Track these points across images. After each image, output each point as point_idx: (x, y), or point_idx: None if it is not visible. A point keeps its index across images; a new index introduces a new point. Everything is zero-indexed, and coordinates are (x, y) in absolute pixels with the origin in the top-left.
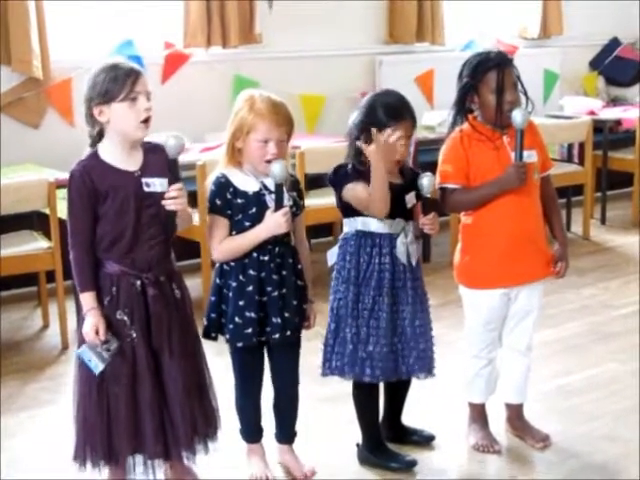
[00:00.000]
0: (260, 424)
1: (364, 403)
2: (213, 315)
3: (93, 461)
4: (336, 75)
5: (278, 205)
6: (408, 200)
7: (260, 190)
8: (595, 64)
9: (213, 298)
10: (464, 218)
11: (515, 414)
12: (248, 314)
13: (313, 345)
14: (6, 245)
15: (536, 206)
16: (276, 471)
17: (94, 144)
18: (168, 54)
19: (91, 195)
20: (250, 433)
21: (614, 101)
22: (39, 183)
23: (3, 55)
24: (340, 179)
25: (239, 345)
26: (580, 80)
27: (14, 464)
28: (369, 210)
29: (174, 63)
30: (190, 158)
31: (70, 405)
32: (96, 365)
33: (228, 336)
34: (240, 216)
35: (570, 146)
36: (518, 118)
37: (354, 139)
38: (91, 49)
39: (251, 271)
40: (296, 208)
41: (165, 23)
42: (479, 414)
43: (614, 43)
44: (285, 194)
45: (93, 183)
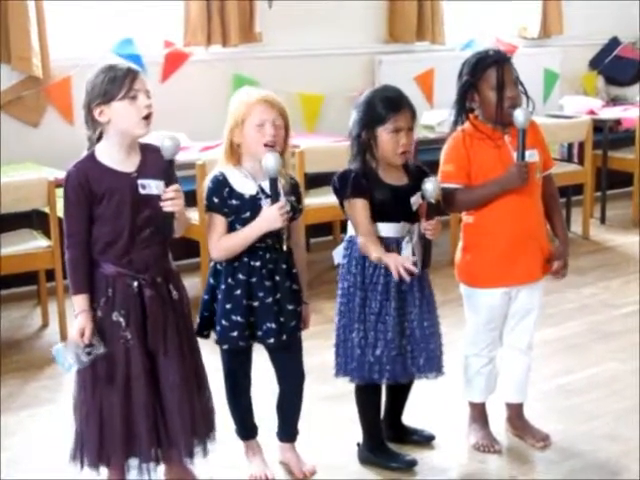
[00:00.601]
0: (253, 421)
1: (366, 403)
2: (206, 314)
3: (89, 462)
4: (336, 74)
5: (274, 199)
6: (414, 202)
7: (257, 194)
8: (595, 63)
9: (206, 297)
10: (466, 217)
11: (515, 414)
12: (234, 317)
13: (313, 344)
14: (6, 244)
15: (538, 205)
16: (276, 470)
17: (89, 147)
18: (168, 53)
19: (87, 197)
20: (244, 430)
21: (614, 100)
22: (39, 182)
23: (3, 53)
24: (343, 188)
25: (224, 347)
26: (580, 80)
27: (14, 463)
28: (357, 234)
29: (174, 62)
30: (190, 157)
31: (70, 404)
32: (70, 365)
33: (216, 337)
34: (232, 217)
35: (570, 146)
36: (520, 117)
37: (355, 137)
38: (91, 47)
39: (240, 275)
40: (294, 212)
41: (165, 22)
42: (479, 413)
43: (614, 42)
44: (281, 189)
45: (89, 184)
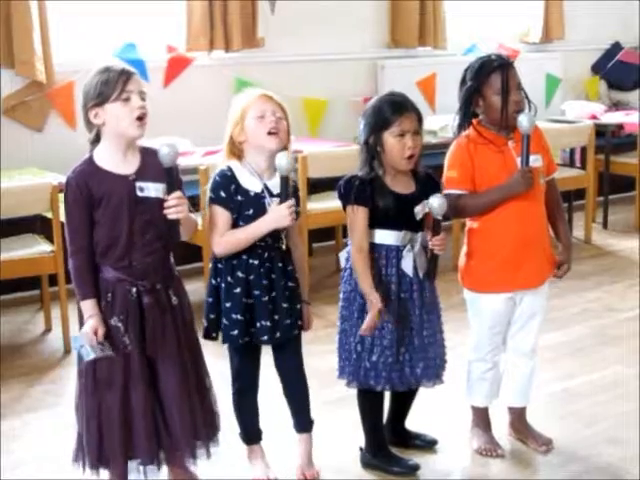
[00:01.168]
0: (258, 425)
1: (368, 408)
2: (212, 316)
3: (89, 464)
4: (338, 79)
5: (283, 197)
6: (417, 212)
7: (262, 192)
8: (597, 68)
9: (210, 299)
10: (470, 222)
11: (518, 418)
12: (234, 316)
13: (315, 349)
14: (9, 248)
15: (541, 210)
16: (278, 472)
17: (92, 150)
18: (170, 58)
19: (87, 201)
20: (249, 434)
21: (616, 105)
22: (42, 187)
23: (6, 58)
24: (346, 195)
25: (226, 345)
26: (582, 84)
27: (19, 466)
28: (351, 242)
29: (176, 67)
30: (192, 162)
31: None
32: (88, 353)
33: (218, 335)
34: (235, 215)
35: (572, 150)
36: (525, 123)
37: (364, 143)
38: (94, 53)
39: (239, 273)
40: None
41: (168, 27)
42: (482, 418)
43: (616, 47)
44: (290, 188)
45: (89, 189)
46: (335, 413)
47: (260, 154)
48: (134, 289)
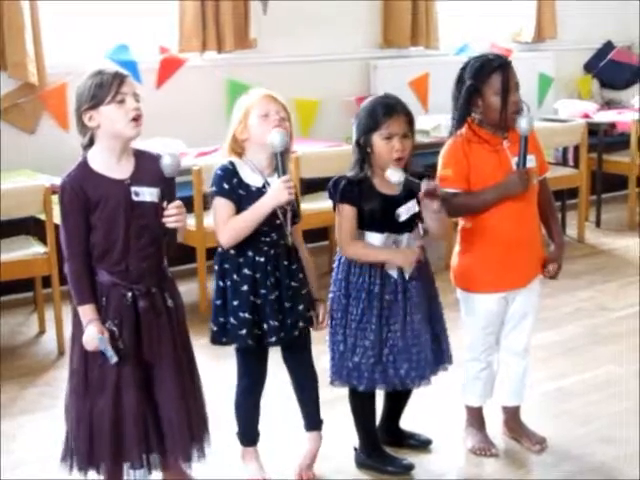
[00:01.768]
0: (257, 427)
1: (360, 408)
2: (222, 319)
3: (78, 466)
4: (330, 79)
5: (280, 173)
6: (400, 213)
7: (263, 187)
8: (589, 67)
9: (218, 302)
10: (463, 222)
11: (512, 417)
12: (242, 315)
13: (313, 349)
14: (2, 250)
15: (534, 210)
16: (272, 473)
17: (85, 153)
18: (163, 59)
19: (83, 205)
20: (247, 435)
21: (608, 104)
22: (35, 189)
23: None
24: (335, 194)
25: (234, 346)
26: (574, 83)
27: (14, 468)
28: (338, 242)
29: (169, 68)
30: (185, 163)
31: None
32: (112, 355)
33: (225, 338)
34: (239, 209)
35: (565, 149)
36: (524, 125)
37: (355, 144)
38: (86, 54)
39: (246, 270)
40: (294, 216)
41: (160, 28)
42: (476, 417)
43: (608, 46)
44: (287, 164)
45: (85, 193)
46: (330, 413)
47: (262, 152)
48: (129, 293)
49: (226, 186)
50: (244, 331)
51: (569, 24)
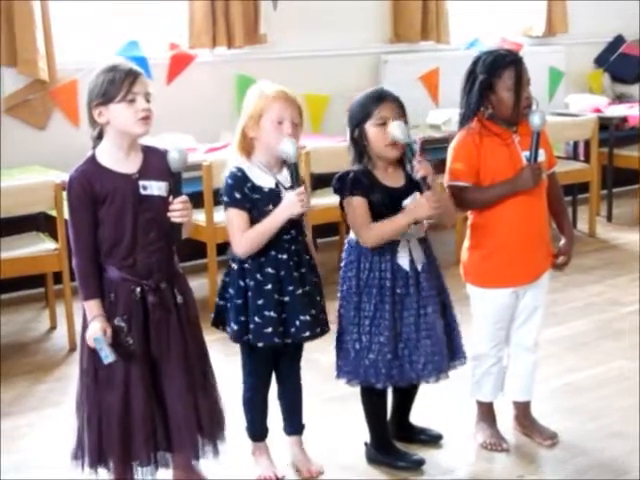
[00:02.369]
0: (266, 422)
1: (372, 404)
2: (242, 318)
3: (89, 463)
4: (341, 74)
5: (293, 185)
6: (406, 205)
7: (276, 186)
8: (600, 61)
9: (239, 301)
10: (472, 217)
11: (522, 412)
12: (267, 313)
13: (318, 345)
14: (13, 247)
15: (544, 204)
16: (282, 470)
17: (95, 146)
18: (173, 55)
19: (91, 199)
20: (256, 430)
21: (619, 98)
22: (45, 185)
23: (9, 57)
24: (342, 188)
25: (260, 345)
26: (585, 78)
27: (23, 465)
28: (355, 234)
29: (179, 64)
30: (196, 158)
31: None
32: (106, 356)
33: (250, 336)
34: (256, 212)
35: (576, 144)
36: (536, 120)
37: (351, 140)
38: (96, 50)
39: (269, 269)
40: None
41: (170, 24)
42: (487, 412)
43: (619, 40)
44: (300, 175)
45: (92, 188)
46: (340, 409)
47: (270, 153)
48: (138, 289)
49: (238, 195)
50: (270, 329)
51: (580, 18)
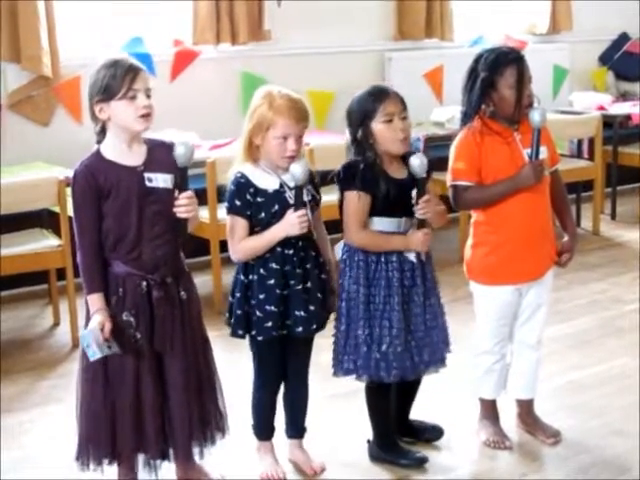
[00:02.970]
0: (273, 421)
1: (377, 401)
2: (239, 312)
3: (96, 460)
4: (345, 71)
5: (297, 206)
6: (414, 196)
7: (280, 188)
8: (604, 59)
9: (239, 294)
10: (476, 214)
11: (526, 410)
12: (268, 307)
13: (320, 342)
14: (17, 243)
15: (547, 201)
16: (286, 468)
17: (100, 141)
18: (177, 51)
19: (95, 194)
20: (263, 429)
21: (624, 96)
22: (49, 181)
23: (13, 53)
24: (348, 179)
25: (259, 339)
26: (589, 75)
27: (26, 461)
28: (345, 228)
29: (183, 60)
30: (199, 155)
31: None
32: (94, 353)
33: (254, 331)
34: (263, 215)
35: (580, 142)
36: (537, 117)
37: (352, 140)
38: (100, 47)
39: (273, 264)
40: (314, 202)
41: (174, 20)
42: (490, 410)
43: (623, 38)
44: (305, 198)
45: (97, 182)
46: (341, 406)
47: (273, 162)
48: (144, 283)
49: (238, 203)
50: (270, 323)
51: (584, 16)
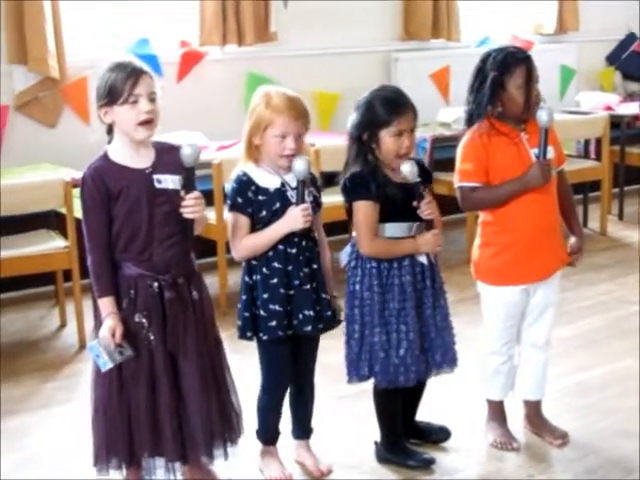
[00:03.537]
0: (278, 426)
1: (386, 404)
2: (246, 314)
3: (114, 464)
4: (351, 72)
5: (299, 201)
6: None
7: (282, 187)
8: (611, 59)
9: (244, 297)
10: (483, 215)
11: (533, 411)
12: (272, 307)
13: (328, 343)
14: (24, 244)
15: (554, 201)
16: (292, 470)
17: (110, 141)
18: (184, 53)
19: (104, 197)
20: (268, 434)
21: (631, 96)
22: (55, 182)
23: (19, 55)
24: (349, 192)
25: (264, 338)
26: (597, 75)
27: (31, 462)
28: (357, 236)
29: (189, 62)
30: (206, 157)
31: (87, 404)
32: (105, 362)
33: (251, 332)
34: (264, 213)
35: (587, 142)
36: (544, 117)
37: (356, 139)
38: (107, 48)
39: (276, 264)
40: (316, 204)
41: (181, 22)
42: (497, 411)
43: (631, 38)
44: (306, 193)
45: (105, 184)
46: (349, 407)
47: (273, 162)
48: (156, 284)
49: (239, 200)
50: (274, 322)
51: (591, 16)
